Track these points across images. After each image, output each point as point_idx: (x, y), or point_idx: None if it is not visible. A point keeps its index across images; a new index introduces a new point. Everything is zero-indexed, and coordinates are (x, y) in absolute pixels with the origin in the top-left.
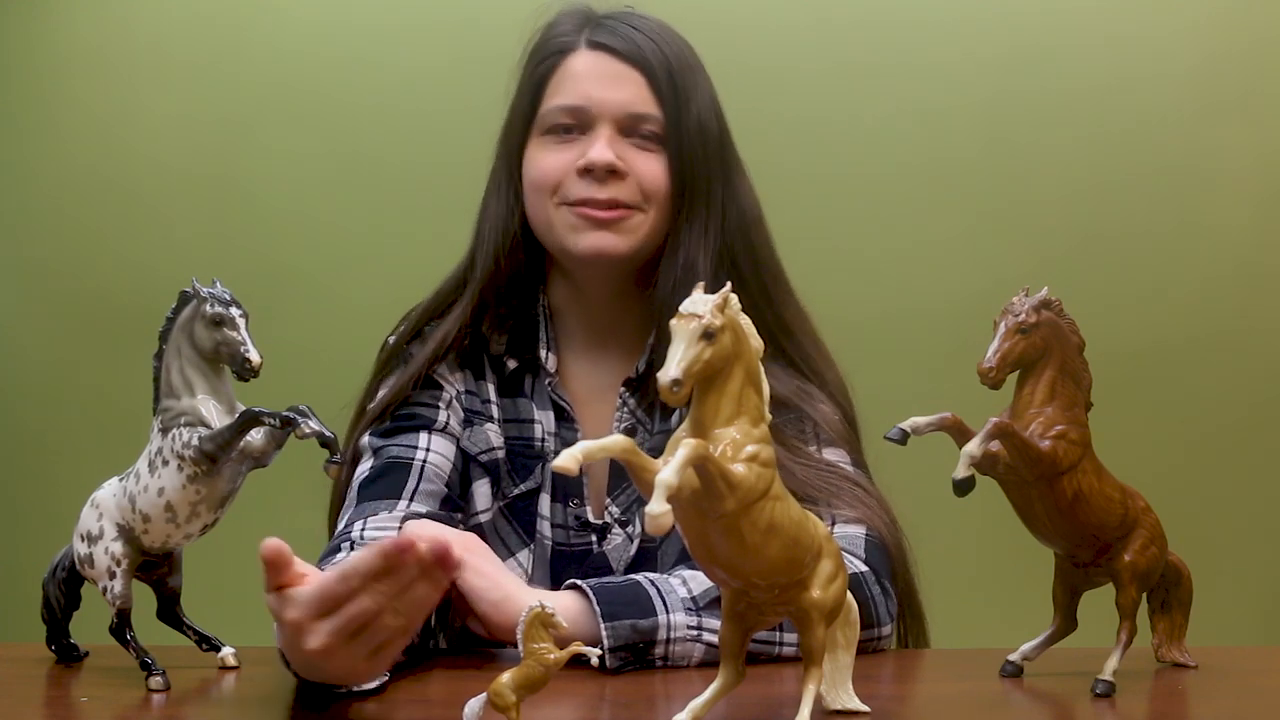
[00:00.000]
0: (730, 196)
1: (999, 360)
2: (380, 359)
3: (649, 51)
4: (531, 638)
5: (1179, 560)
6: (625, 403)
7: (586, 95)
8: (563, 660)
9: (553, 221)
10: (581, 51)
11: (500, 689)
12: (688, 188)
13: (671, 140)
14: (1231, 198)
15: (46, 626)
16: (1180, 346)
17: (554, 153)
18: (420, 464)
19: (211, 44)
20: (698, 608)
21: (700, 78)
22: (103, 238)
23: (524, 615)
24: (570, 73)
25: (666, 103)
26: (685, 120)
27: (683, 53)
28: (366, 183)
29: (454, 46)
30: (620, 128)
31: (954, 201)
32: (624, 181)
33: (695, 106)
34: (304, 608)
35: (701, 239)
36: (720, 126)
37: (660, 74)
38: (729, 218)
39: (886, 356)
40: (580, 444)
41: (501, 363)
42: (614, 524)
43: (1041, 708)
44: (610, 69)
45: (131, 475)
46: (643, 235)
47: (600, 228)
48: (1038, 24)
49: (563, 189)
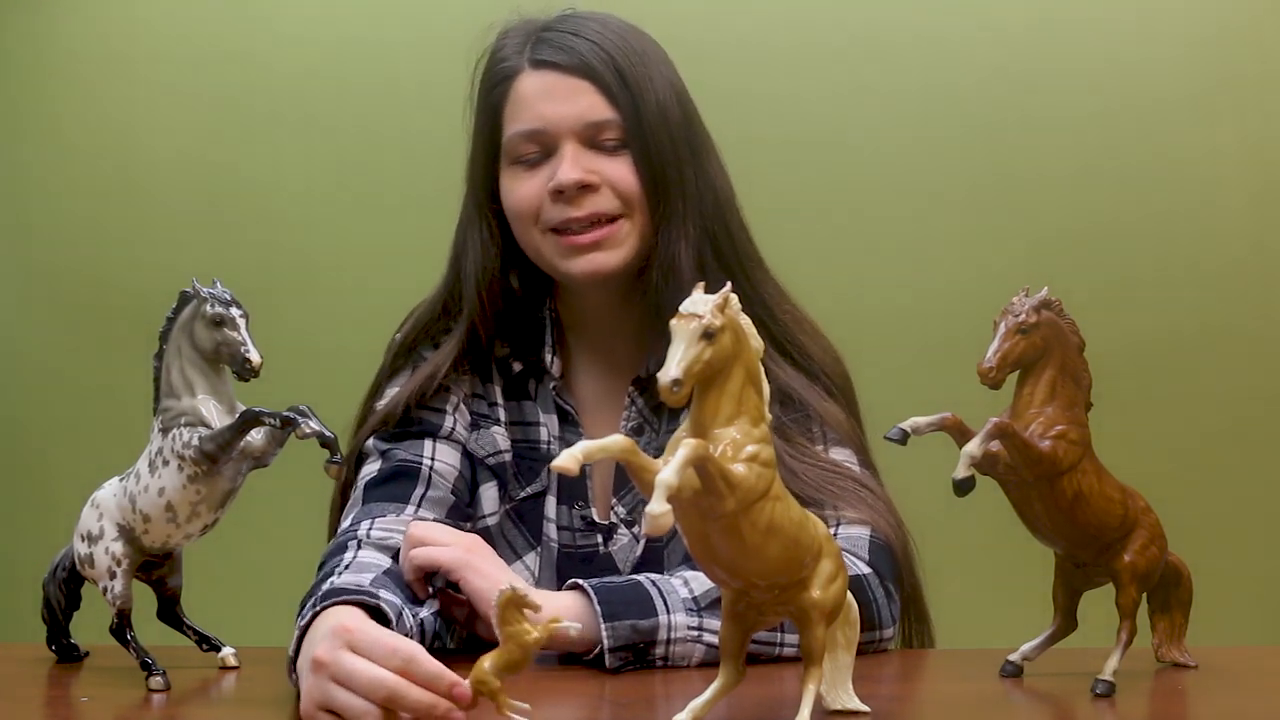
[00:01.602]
0: (704, 180)
1: (999, 360)
2: (387, 357)
3: (592, 56)
4: (506, 620)
5: (1179, 560)
6: (633, 402)
7: (541, 117)
8: (542, 640)
9: (540, 249)
10: (527, 73)
11: (483, 675)
12: (659, 182)
13: (635, 139)
14: (1229, 195)
15: (46, 626)
16: (1180, 346)
17: (525, 180)
18: (428, 472)
19: (212, 44)
20: (699, 608)
21: (652, 65)
22: (103, 238)
23: (495, 600)
24: (520, 97)
25: (621, 103)
26: (645, 114)
27: (628, 45)
28: (367, 182)
29: (455, 44)
30: (582, 140)
31: (954, 201)
32: (598, 193)
33: (653, 96)
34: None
35: (681, 229)
36: (684, 110)
37: (608, 76)
38: (705, 202)
39: (886, 356)
40: (580, 444)
41: (508, 365)
42: (620, 524)
43: (1041, 708)
44: (558, 84)
45: (132, 475)
46: (633, 242)
47: (587, 251)
48: (1034, 21)
49: (542, 215)
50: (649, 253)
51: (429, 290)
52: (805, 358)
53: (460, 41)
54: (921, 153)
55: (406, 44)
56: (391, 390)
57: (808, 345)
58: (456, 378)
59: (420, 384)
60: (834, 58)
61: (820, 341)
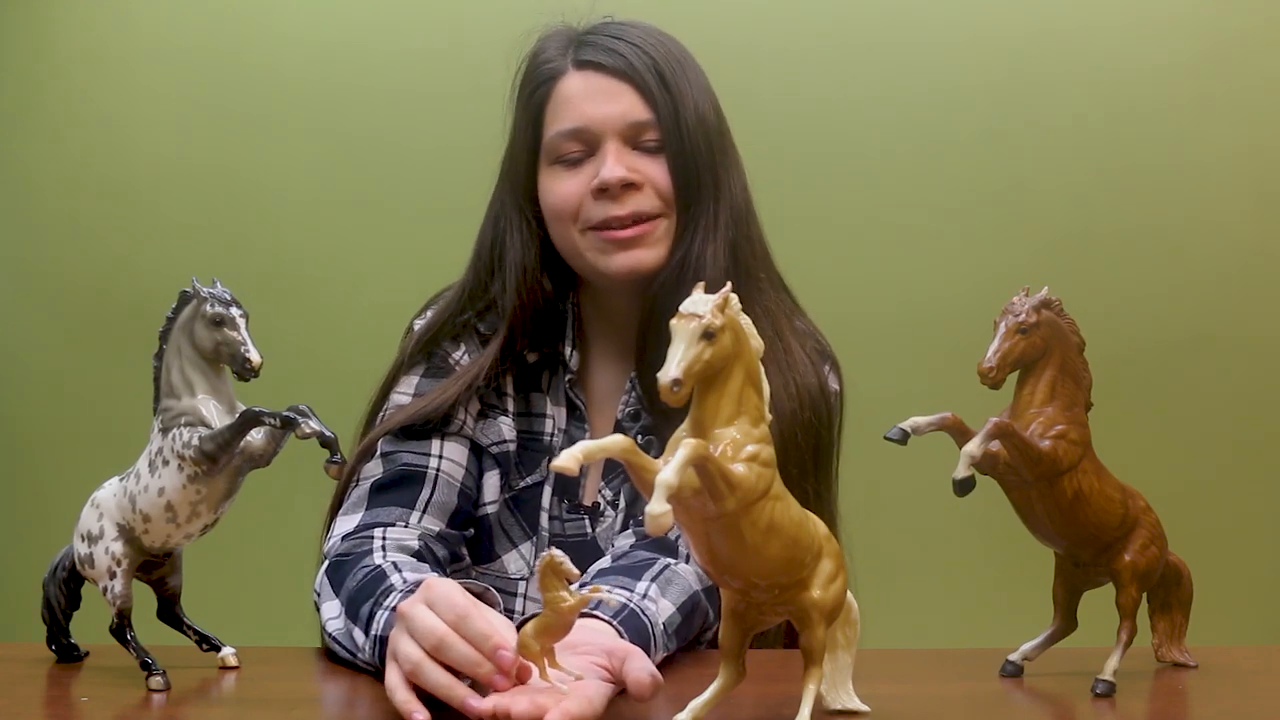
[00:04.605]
0: (734, 186)
1: (999, 360)
2: (404, 346)
3: (634, 59)
4: (546, 586)
5: (1179, 560)
6: (634, 387)
7: (584, 115)
8: (577, 608)
9: (579, 248)
10: (571, 74)
11: (524, 639)
12: (693, 185)
13: (672, 141)
14: (1230, 197)
15: (46, 626)
16: (1180, 346)
17: (567, 180)
18: (434, 474)
19: (212, 43)
20: (667, 634)
21: (690, 71)
22: (103, 237)
23: (538, 565)
24: (564, 97)
25: (661, 106)
26: (683, 117)
27: (669, 51)
28: (368, 182)
29: (457, 42)
30: (625, 139)
31: (955, 202)
32: (641, 192)
33: (691, 102)
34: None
35: (711, 232)
36: (718, 117)
37: (650, 79)
38: (736, 207)
39: (886, 356)
40: (580, 444)
41: (522, 356)
42: (606, 505)
43: (1041, 708)
44: (601, 85)
45: (132, 475)
46: (669, 242)
47: (628, 247)
48: (1036, 27)
49: (583, 213)
50: (681, 253)
51: (440, 285)
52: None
53: (460, 44)
54: (923, 155)
55: (406, 46)
56: (410, 380)
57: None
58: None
59: (467, 386)
60: (837, 62)
61: (791, 374)
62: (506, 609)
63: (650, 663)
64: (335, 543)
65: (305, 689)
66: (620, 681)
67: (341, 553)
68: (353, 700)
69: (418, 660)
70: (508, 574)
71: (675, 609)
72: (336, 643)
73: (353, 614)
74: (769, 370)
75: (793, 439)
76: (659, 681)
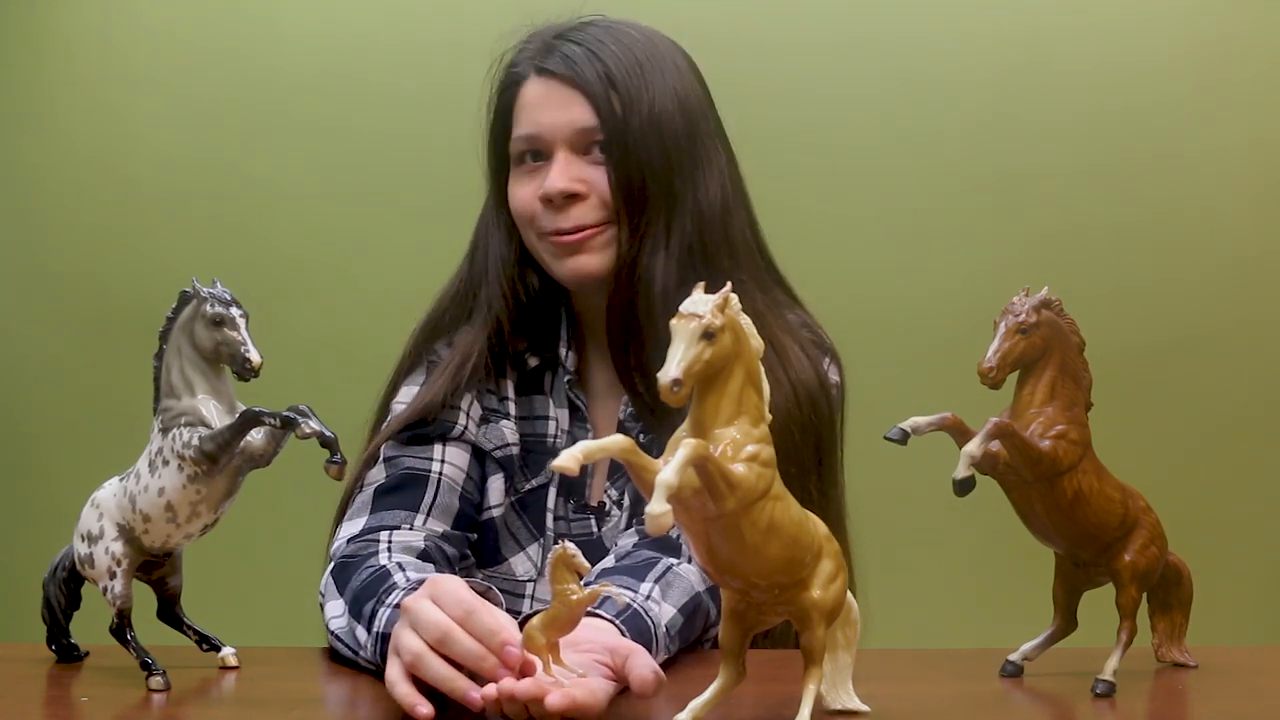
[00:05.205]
0: (699, 191)
1: (999, 360)
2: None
3: (586, 66)
4: (557, 579)
5: (1179, 560)
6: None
7: (538, 123)
8: (586, 602)
9: (538, 250)
10: (531, 80)
11: (530, 632)
12: (637, 193)
13: (615, 149)
14: (1230, 194)
15: (46, 626)
16: (1180, 345)
17: (524, 184)
18: (436, 477)
19: (212, 44)
20: (669, 635)
21: (653, 74)
22: (103, 237)
23: (550, 557)
24: (524, 103)
25: (603, 113)
26: (631, 125)
27: (630, 55)
28: (369, 181)
29: (457, 42)
30: (573, 148)
31: (955, 201)
32: (585, 202)
33: (645, 107)
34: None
35: (661, 241)
36: (687, 119)
37: (597, 86)
38: (699, 213)
39: (887, 355)
40: (580, 444)
41: (522, 359)
42: (612, 505)
43: (1041, 708)
44: (555, 93)
45: (132, 475)
46: (615, 249)
47: (574, 252)
48: (1034, 21)
49: (536, 220)
50: (629, 262)
51: (431, 292)
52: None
53: (461, 41)
54: (922, 152)
55: (407, 43)
56: (408, 389)
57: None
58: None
59: (452, 378)
60: (833, 57)
61: (786, 373)
62: (513, 610)
63: (653, 660)
64: (340, 545)
65: (305, 689)
66: (622, 679)
67: (346, 555)
68: (353, 700)
69: (419, 651)
70: (515, 576)
71: (677, 610)
72: (339, 641)
73: (356, 612)
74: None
75: (790, 438)
76: (662, 679)
